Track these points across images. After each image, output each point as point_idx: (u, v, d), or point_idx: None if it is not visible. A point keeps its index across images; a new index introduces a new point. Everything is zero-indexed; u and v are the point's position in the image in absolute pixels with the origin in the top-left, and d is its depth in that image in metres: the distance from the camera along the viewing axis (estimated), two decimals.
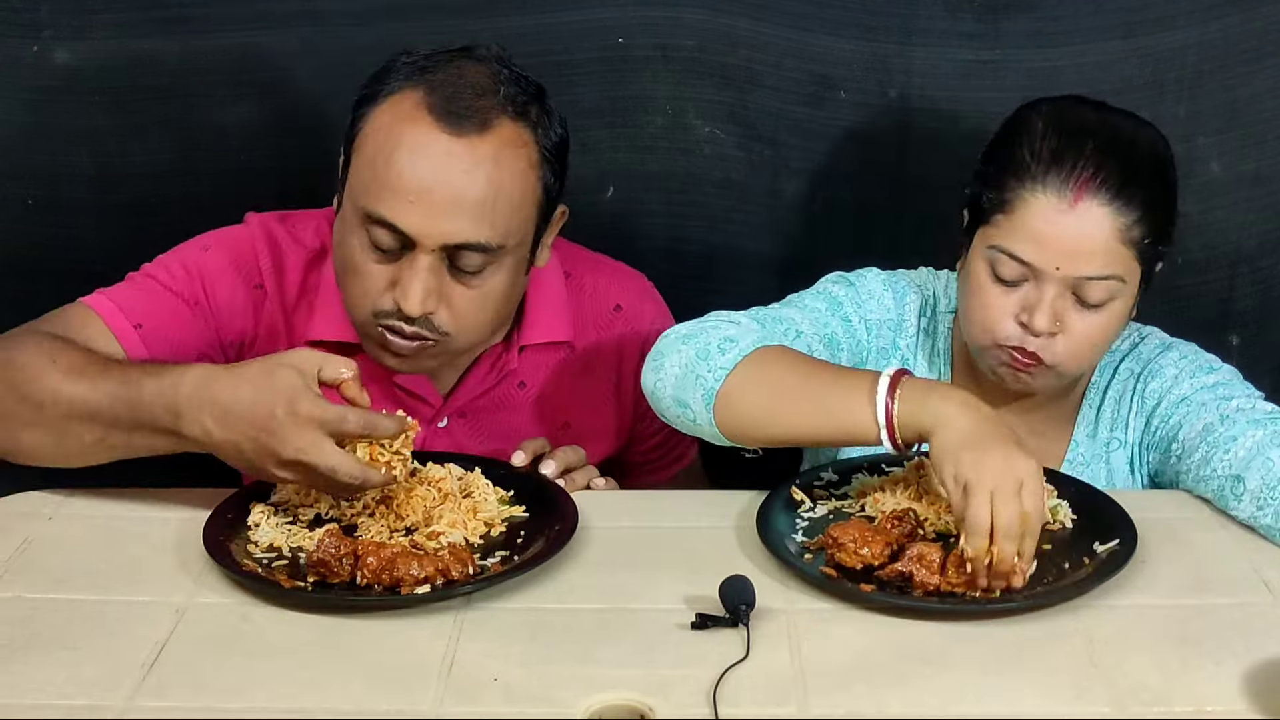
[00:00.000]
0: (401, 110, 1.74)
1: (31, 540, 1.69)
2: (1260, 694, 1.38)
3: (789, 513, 1.72)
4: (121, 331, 1.80)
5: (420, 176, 1.71)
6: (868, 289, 1.95)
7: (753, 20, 2.21)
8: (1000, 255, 1.76)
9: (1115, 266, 1.73)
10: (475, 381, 1.94)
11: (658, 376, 1.77)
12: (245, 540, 1.66)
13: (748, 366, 1.72)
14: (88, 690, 1.40)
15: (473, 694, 1.40)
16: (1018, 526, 1.51)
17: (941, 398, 1.62)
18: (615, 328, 2.01)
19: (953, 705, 1.38)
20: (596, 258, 2.05)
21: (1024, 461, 1.54)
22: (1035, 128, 1.76)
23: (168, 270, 1.87)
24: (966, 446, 1.56)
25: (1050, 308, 1.74)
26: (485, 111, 1.73)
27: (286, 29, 2.21)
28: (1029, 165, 1.74)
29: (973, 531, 1.52)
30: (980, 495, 1.52)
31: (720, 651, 1.45)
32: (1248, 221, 2.26)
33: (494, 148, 1.73)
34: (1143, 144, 1.78)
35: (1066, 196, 1.71)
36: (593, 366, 2.00)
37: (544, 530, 1.68)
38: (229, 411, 1.60)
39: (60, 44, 2.20)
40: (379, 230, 1.73)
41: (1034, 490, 1.53)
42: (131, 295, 1.84)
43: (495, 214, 1.74)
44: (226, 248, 1.90)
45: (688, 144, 2.28)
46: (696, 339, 1.76)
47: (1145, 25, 2.17)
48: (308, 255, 1.92)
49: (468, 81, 1.74)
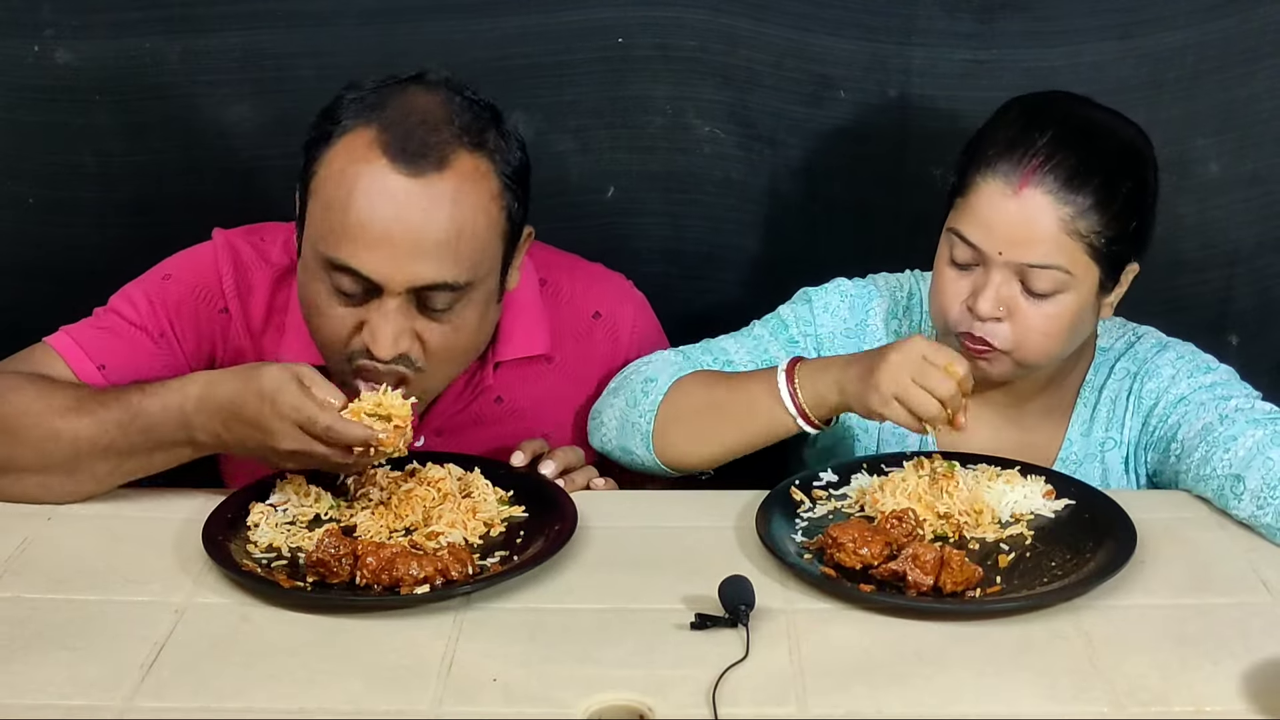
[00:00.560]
0: (355, 151, 1.70)
1: (31, 540, 1.69)
2: (1259, 694, 1.38)
3: (788, 513, 1.73)
4: (85, 373, 1.81)
5: (380, 221, 1.68)
6: (824, 303, 1.97)
7: (753, 20, 2.21)
8: (955, 238, 1.79)
9: (1058, 257, 1.74)
10: (450, 400, 1.92)
11: (601, 434, 1.90)
12: (245, 540, 1.66)
13: (668, 402, 1.83)
14: (87, 690, 1.40)
15: (472, 694, 1.40)
16: (952, 383, 1.67)
17: (839, 368, 1.75)
18: (594, 335, 1.99)
19: (952, 705, 1.38)
20: (573, 262, 2.02)
21: (904, 344, 1.69)
22: (1008, 117, 1.80)
23: (131, 304, 1.87)
24: (863, 381, 1.70)
25: (995, 292, 1.76)
26: (441, 147, 1.69)
27: (287, 28, 2.21)
28: (986, 152, 1.77)
29: (934, 419, 1.69)
30: (910, 394, 1.67)
31: (720, 652, 1.45)
32: (1246, 221, 2.26)
33: (453, 184, 1.70)
34: (1114, 142, 1.78)
35: (1013, 182, 1.74)
36: (572, 376, 1.98)
37: (543, 530, 1.68)
38: (230, 414, 1.65)
39: (61, 43, 2.20)
40: (342, 276, 1.71)
41: (933, 347, 1.68)
42: (94, 335, 1.84)
43: (460, 252, 1.71)
44: (188, 275, 1.89)
45: (688, 144, 2.28)
46: (623, 390, 1.87)
47: (1143, 26, 2.18)
48: (275, 273, 1.90)
49: (420, 116, 1.70)
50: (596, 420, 1.91)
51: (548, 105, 2.22)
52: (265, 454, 1.67)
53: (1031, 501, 1.73)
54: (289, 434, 1.63)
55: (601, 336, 1.99)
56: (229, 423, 1.65)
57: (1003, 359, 1.79)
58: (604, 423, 1.88)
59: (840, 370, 1.75)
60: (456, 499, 1.71)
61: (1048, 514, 1.72)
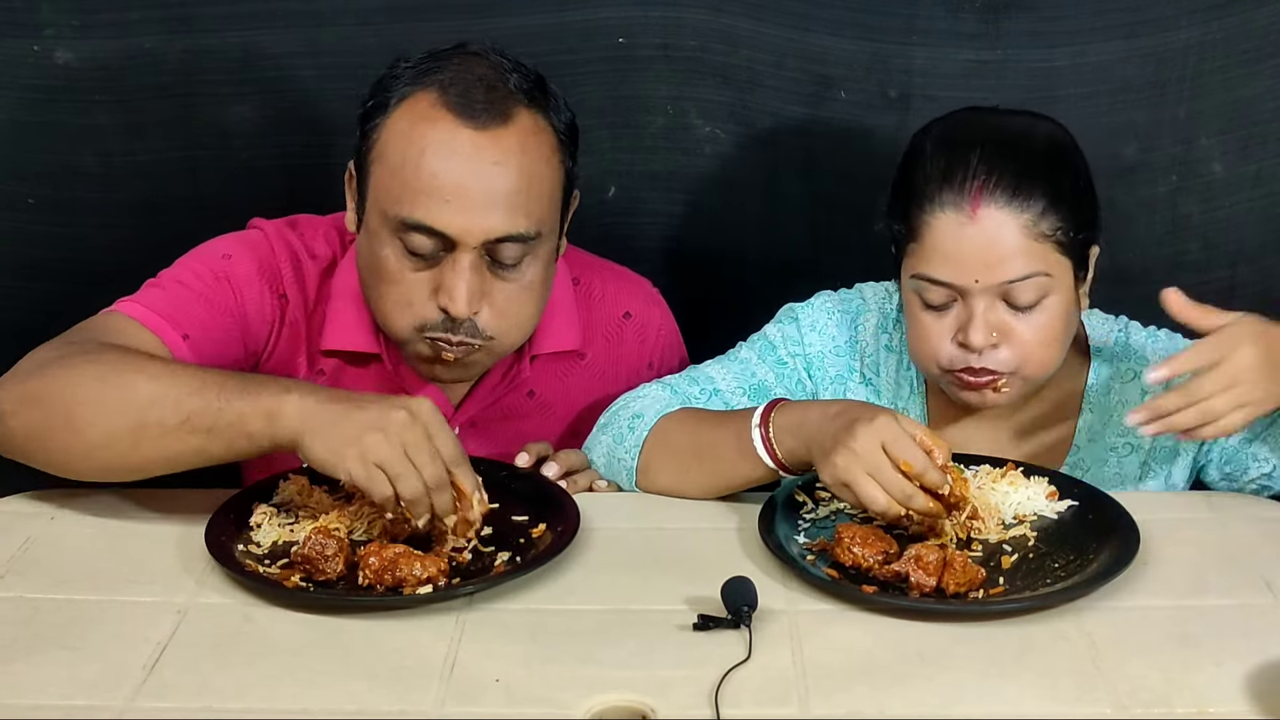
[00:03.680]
0: (418, 113, 1.73)
1: (33, 540, 1.69)
2: (1262, 695, 1.38)
3: (791, 514, 1.73)
4: (172, 343, 1.76)
5: (453, 175, 1.71)
6: (811, 320, 1.96)
7: (754, 20, 2.21)
8: (922, 283, 1.77)
9: (1034, 264, 1.73)
10: (486, 391, 1.94)
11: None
12: (247, 540, 1.66)
13: (652, 441, 1.81)
14: (89, 690, 1.40)
15: (474, 695, 1.40)
16: (907, 484, 1.58)
17: (815, 424, 1.67)
18: (625, 335, 2.02)
19: (954, 706, 1.38)
20: (603, 264, 2.06)
21: (868, 427, 1.59)
22: (925, 150, 1.79)
23: (198, 277, 1.82)
24: (824, 454, 1.62)
25: (983, 322, 1.75)
26: (503, 103, 1.73)
27: (288, 28, 2.21)
28: (924, 188, 1.75)
29: (883, 514, 1.60)
30: (860, 487, 1.59)
31: (722, 653, 1.45)
32: (1249, 222, 2.25)
33: (519, 137, 1.74)
34: (1036, 138, 1.78)
35: (964, 209, 1.72)
36: (602, 374, 2.00)
37: (546, 531, 1.68)
38: (344, 396, 1.58)
39: (62, 43, 2.20)
40: (416, 236, 1.72)
41: (894, 439, 1.58)
42: (171, 303, 1.79)
43: (529, 203, 1.74)
44: (250, 255, 1.87)
45: (688, 144, 2.28)
46: (611, 425, 1.86)
47: (1146, 26, 2.17)
48: (321, 265, 1.91)
49: (476, 76, 1.74)
50: (589, 455, 1.90)
51: None
52: (356, 436, 1.53)
53: (1034, 503, 1.73)
54: (406, 431, 1.54)
55: (631, 337, 2.02)
56: (338, 396, 1.57)
57: (1011, 381, 1.78)
58: (594, 459, 1.88)
59: (817, 426, 1.67)
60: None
61: (1050, 515, 1.72)
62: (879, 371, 1.95)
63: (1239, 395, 1.65)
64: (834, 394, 1.94)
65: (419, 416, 1.56)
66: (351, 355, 1.89)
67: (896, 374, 1.95)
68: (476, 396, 1.94)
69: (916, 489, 1.59)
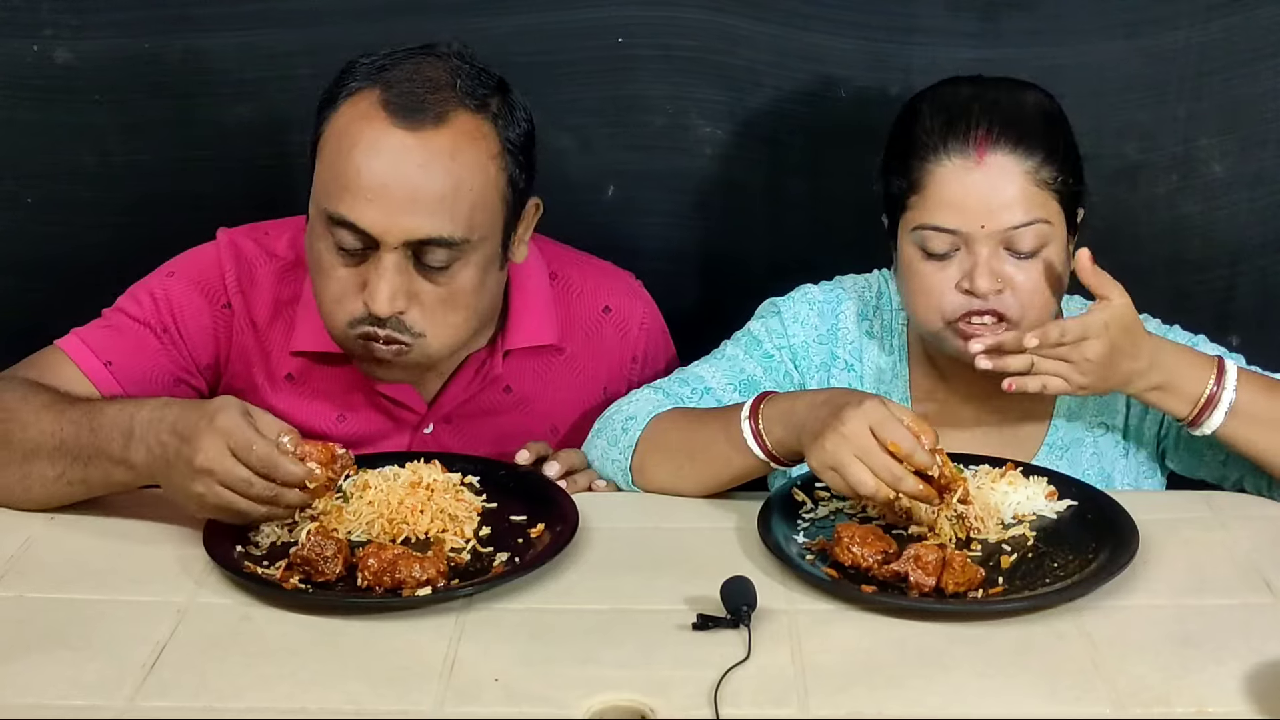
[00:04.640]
0: (359, 110, 1.73)
1: (33, 540, 1.69)
2: (1262, 694, 1.38)
3: (790, 514, 1.73)
4: (92, 370, 1.82)
5: (376, 173, 1.70)
6: (793, 312, 1.97)
7: (753, 20, 2.21)
8: (925, 232, 1.79)
9: (1036, 210, 1.76)
10: (459, 388, 1.93)
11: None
12: (246, 541, 1.65)
13: (645, 440, 1.82)
14: (89, 690, 1.40)
15: (474, 694, 1.40)
16: (896, 465, 1.59)
17: (804, 412, 1.68)
18: (605, 329, 2.00)
19: (953, 706, 1.38)
20: (583, 257, 2.04)
21: (856, 410, 1.60)
22: (923, 110, 1.81)
23: (136, 302, 1.89)
24: (813, 439, 1.63)
25: (987, 267, 1.76)
26: (440, 105, 1.72)
27: (287, 28, 2.22)
28: (926, 141, 1.78)
29: (873, 497, 1.61)
30: (849, 470, 1.59)
31: (721, 652, 1.45)
32: (1249, 221, 2.25)
33: (450, 140, 1.72)
34: (1028, 98, 1.82)
35: (970, 155, 1.75)
36: (582, 369, 1.99)
37: (545, 531, 1.68)
38: (168, 427, 1.61)
39: (61, 43, 2.21)
40: (342, 231, 1.73)
41: (882, 421, 1.59)
42: (100, 334, 1.86)
43: (456, 207, 1.72)
44: (190, 271, 1.90)
45: (688, 144, 2.28)
46: (605, 430, 1.87)
47: (1147, 25, 2.18)
48: (280, 267, 1.91)
49: (423, 77, 1.74)
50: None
51: (548, 104, 2.20)
52: (181, 480, 1.59)
53: (1034, 502, 1.73)
54: (213, 452, 1.57)
55: (611, 331, 2.00)
56: (163, 437, 1.61)
57: (1013, 329, 1.78)
58: (591, 462, 1.89)
59: (805, 414, 1.68)
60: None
61: (1050, 515, 1.72)
62: (860, 358, 1.96)
63: (1067, 372, 1.71)
64: (819, 382, 1.95)
65: (225, 436, 1.57)
66: (319, 355, 1.89)
67: (880, 357, 1.96)
68: (450, 393, 1.93)
69: (905, 471, 1.60)
